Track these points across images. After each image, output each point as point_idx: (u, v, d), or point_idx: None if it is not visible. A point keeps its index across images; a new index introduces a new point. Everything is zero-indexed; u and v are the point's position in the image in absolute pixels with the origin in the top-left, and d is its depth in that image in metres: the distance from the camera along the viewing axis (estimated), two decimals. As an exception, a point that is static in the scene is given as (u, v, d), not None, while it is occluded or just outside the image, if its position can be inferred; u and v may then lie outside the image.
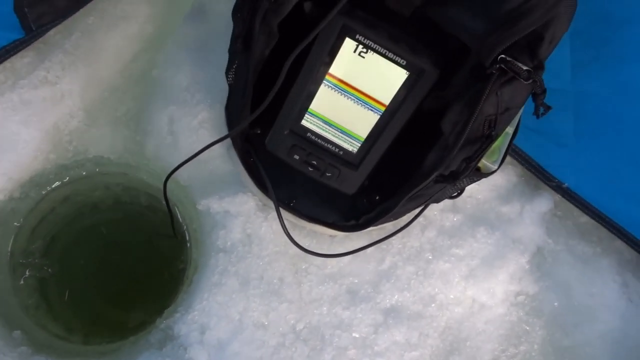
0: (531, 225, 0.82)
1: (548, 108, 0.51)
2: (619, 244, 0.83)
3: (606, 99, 0.72)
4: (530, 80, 0.48)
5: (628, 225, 0.79)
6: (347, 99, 0.59)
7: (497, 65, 0.47)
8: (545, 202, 0.83)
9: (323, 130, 0.63)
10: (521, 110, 0.58)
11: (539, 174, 0.81)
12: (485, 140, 0.52)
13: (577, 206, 0.81)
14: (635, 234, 0.79)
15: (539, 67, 0.49)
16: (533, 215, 0.82)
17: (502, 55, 0.47)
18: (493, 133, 0.51)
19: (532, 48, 0.48)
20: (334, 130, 0.63)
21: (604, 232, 0.83)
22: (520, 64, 0.47)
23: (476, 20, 0.48)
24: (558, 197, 0.83)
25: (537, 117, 0.52)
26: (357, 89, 0.58)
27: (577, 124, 0.76)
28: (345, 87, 0.58)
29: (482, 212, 0.82)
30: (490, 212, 0.82)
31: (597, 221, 0.81)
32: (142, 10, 0.80)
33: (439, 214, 0.80)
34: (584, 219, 0.84)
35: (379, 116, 0.59)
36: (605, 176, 0.76)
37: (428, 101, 0.57)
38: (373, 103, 0.59)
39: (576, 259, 0.83)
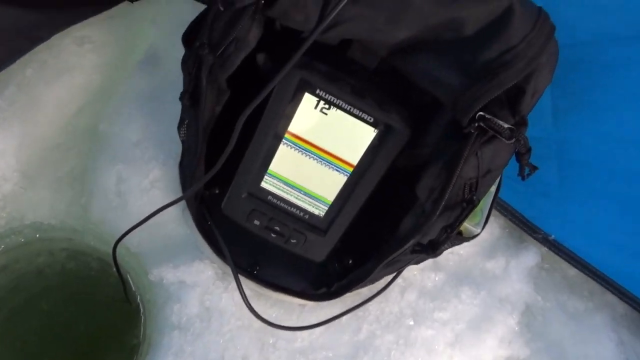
0: (518, 282, 0.77)
1: (534, 168, 0.46)
2: (611, 297, 0.79)
3: (590, 146, 0.67)
4: (513, 139, 0.42)
5: (618, 278, 0.75)
6: (310, 158, 0.53)
7: (476, 124, 0.41)
8: (531, 255, 0.78)
9: (285, 192, 0.57)
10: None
11: (523, 226, 0.77)
12: (467, 206, 0.45)
13: (564, 259, 0.77)
14: (626, 286, 0.75)
15: (521, 123, 0.44)
16: (519, 270, 0.77)
17: (481, 113, 0.41)
18: (475, 198, 0.45)
19: (513, 103, 0.43)
20: (297, 193, 0.56)
21: (594, 285, 0.79)
22: (501, 122, 0.41)
23: (450, 73, 0.42)
24: (544, 249, 0.79)
25: (523, 178, 0.46)
26: (321, 147, 0.52)
27: (561, 173, 0.71)
28: (307, 146, 0.52)
29: (465, 270, 0.76)
30: (474, 268, 0.77)
31: (586, 274, 0.77)
32: (89, 59, 0.73)
33: (419, 273, 0.74)
34: (573, 271, 0.80)
35: (346, 177, 0.53)
36: (592, 226, 0.72)
37: (400, 159, 0.51)
38: (339, 163, 0.52)
39: (568, 316, 0.79)
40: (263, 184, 0.57)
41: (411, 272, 0.74)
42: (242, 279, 0.62)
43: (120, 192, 0.70)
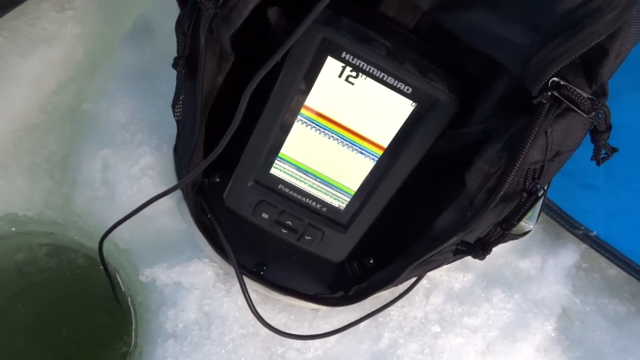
0: (555, 283, 0.70)
1: (613, 150, 0.37)
2: None
3: (645, 132, 0.59)
4: (593, 113, 0.34)
5: None
6: (331, 139, 0.44)
7: (549, 93, 0.32)
8: (570, 254, 0.72)
9: (299, 180, 0.49)
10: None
11: (562, 220, 0.70)
12: (528, 197, 0.37)
13: (606, 257, 0.71)
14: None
15: (601, 93, 0.35)
16: (557, 270, 0.71)
17: (555, 79, 0.32)
18: (538, 187, 0.36)
19: (590, 67, 0.34)
20: (314, 181, 0.48)
21: (636, 285, 0.73)
22: (579, 90, 0.33)
23: (515, 28, 0.33)
24: (583, 247, 0.72)
25: (598, 163, 0.37)
26: (344, 126, 0.44)
27: (610, 162, 0.63)
28: (327, 124, 0.44)
29: (496, 270, 0.70)
30: (506, 268, 0.70)
31: (629, 273, 0.70)
32: (70, 29, 0.65)
33: (445, 274, 0.67)
34: (613, 271, 0.74)
35: (374, 162, 0.45)
36: None
37: (439, 141, 0.43)
38: (366, 145, 0.44)
39: (608, 321, 0.72)
40: (273, 171, 0.49)
41: (437, 272, 0.66)
42: (247, 280, 0.55)
43: (107, 181, 0.62)
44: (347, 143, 0.44)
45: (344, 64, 0.39)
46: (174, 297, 0.58)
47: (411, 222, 0.51)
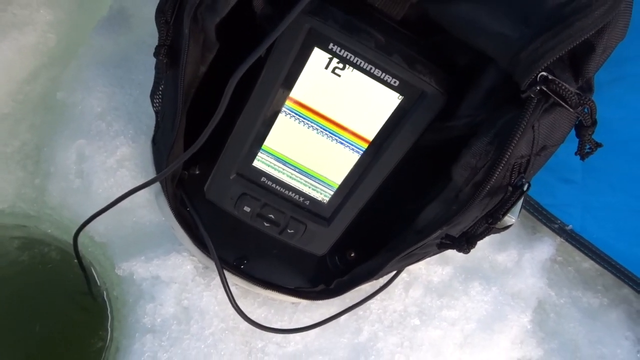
0: (531, 276, 0.71)
1: (597, 145, 0.37)
2: (627, 292, 0.75)
3: (623, 127, 0.61)
4: (579, 108, 0.34)
5: (637, 270, 0.69)
6: (315, 131, 0.44)
7: (538, 88, 0.32)
8: (546, 247, 0.73)
9: (282, 173, 0.48)
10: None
11: (539, 215, 0.71)
12: (513, 191, 0.37)
13: (580, 250, 0.72)
14: (644, 278, 0.70)
15: (587, 88, 0.36)
16: (533, 263, 0.72)
17: (543, 73, 0.32)
18: (524, 181, 0.37)
19: (578, 62, 0.34)
20: (297, 174, 0.47)
21: (609, 278, 0.74)
22: (567, 85, 0.33)
23: (505, 21, 0.33)
24: (558, 240, 0.73)
25: (582, 158, 0.38)
26: (329, 118, 0.43)
27: (588, 157, 0.64)
28: (312, 116, 0.43)
29: (475, 263, 0.70)
30: (484, 261, 0.71)
31: (602, 266, 0.72)
32: (43, 15, 0.63)
33: (424, 267, 0.67)
34: (587, 264, 0.76)
35: (359, 156, 0.45)
36: (616, 216, 0.67)
37: (424, 134, 0.42)
38: (351, 138, 0.43)
39: (582, 313, 0.74)
40: (256, 163, 0.48)
41: (416, 265, 0.66)
42: (227, 274, 0.54)
43: (82, 172, 0.61)
44: (332, 136, 0.44)
45: (331, 56, 0.38)
46: (152, 291, 0.57)
47: (394, 215, 0.50)
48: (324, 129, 0.43)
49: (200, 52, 0.41)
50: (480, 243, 0.69)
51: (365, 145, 0.44)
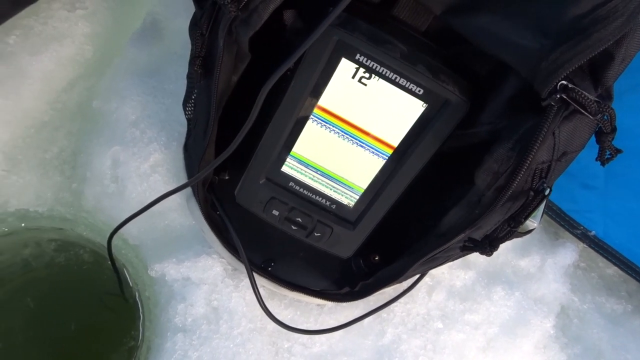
0: (554, 282, 0.71)
1: (617, 151, 0.38)
2: None
3: (644, 133, 0.60)
4: (599, 115, 0.35)
5: None
6: (342, 138, 0.45)
7: (558, 96, 0.34)
8: (568, 253, 0.73)
9: (310, 178, 0.49)
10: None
11: (561, 220, 0.71)
12: (535, 196, 0.38)
13: (603, 256, 0.72)
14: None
15: (606, 96, 0.37)
16: (556, 269, 0.72)
17: (563, 82, 0.34)
18: (545, 186, 0.38)
19: (597, 71, 0.36)
20: (324, 179, 0.49)
21: (633, 284, 0.75)
22: (586, 93, 0.34)
23: (525, 33, 0.34)
24: (581, 246, 0.74)
25: (603, 164, 0.39)
26: (356, 125, 0.44)
27: (610, 163, 0.64)
28: (339, 124, 0.45)
29: (497, 268, 0.71)
30: (506, 267, 0.71)
31: (626, 272, 0.71)
32: (80, 28, 0.65)
33: (447, 271, 0.68)
34: (611, 270, 0.76)
35: (384, 161, 0.46)
36: (639, 222, 0.66)
37: (447, 140, 0.44)
38: (377, 144, 0.45)
39: (605, 319, 0.74)
40: (284, 168, 0.49)
41: (439, 270, 0.67)
42: (255, 276, 0.55)
43: (117, 177, 0.62)
44: (358, 142, 0.45)
45: (357, 66, 0.40)
46: (183, 292, 0.59)
47: (417, 220, 0.52)
48: (350, 136, 0.45)
49: (233, 63, 0.43)
50: (502, 249, 0.71)
51: (390, 152, 0.45)
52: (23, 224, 0.67)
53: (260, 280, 0.57)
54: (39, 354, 0.74)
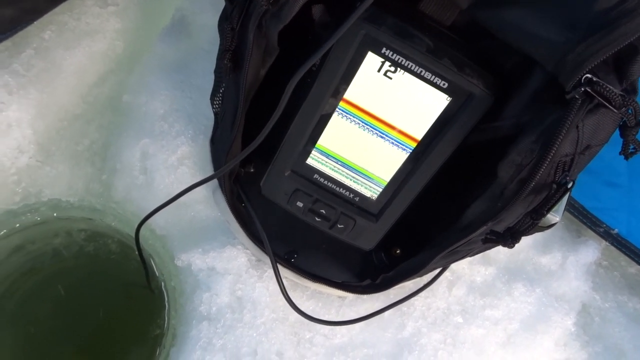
0: (575, 279, 0.71)
1: (641, 145, 0.38)
2: None
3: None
4: (623, 109, 0.35)
5: None
6: (367, 131, 0.46)
7: (582, 89, 0.34)
8: (590, 251, 0.72)
9: (334, 170, 0.50)
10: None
11: (583, 218, 0.71)
12: (557, 189, 0.38)
13: (626, 254, 0.71)
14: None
15: (631, 90, 0.37)
16: (577, 266, 0.71)
17: (588, 75, 0.34)
18: (568, 179, 0.38)
19: (622, 65, 0.36)
20: (348, 172, 0.50)
21: None
22: (611, 87, 0.34)
23: (551, 26, 0.35)
24: (604, 244, 0.73)
25: (626, 157, 0.39)
26: (380, 119, 0.45)
27: (633, 160, 0.64)
28: (364, 117, 0.46)
29: (518, 264, 0.70)
30: (527, 263, 0.71)
31: None
32: (111, 24, 0.67)
33: (467, 266, 0.68)
34: (633, 269, 0.75)
35: (407, 154, 0.47)
36: None
37: (471, 133, 0.44)
38: (401, 137, 0.46)
39: (628, 318, 0.73)
40: (309, 161, 0.50)
41: (460, 265, 0.68)
42: (279, 267, 0.56)
43: (146, 169, 0.64)
44: (382, 135, 0.46)
45: (383, 59, 0.41)
46: (208, 281, 0.60)
47: (439, 213, 0.52)
48: (374, 129, 0.46)
49: (262, 57, 0.44)
50: (523, 245, 0.71)
51: (413, 145, 0.46)
52: (55, 214, 0.69)
53: (283, 272, 0.58)
54: (67, 340, 0.76)
